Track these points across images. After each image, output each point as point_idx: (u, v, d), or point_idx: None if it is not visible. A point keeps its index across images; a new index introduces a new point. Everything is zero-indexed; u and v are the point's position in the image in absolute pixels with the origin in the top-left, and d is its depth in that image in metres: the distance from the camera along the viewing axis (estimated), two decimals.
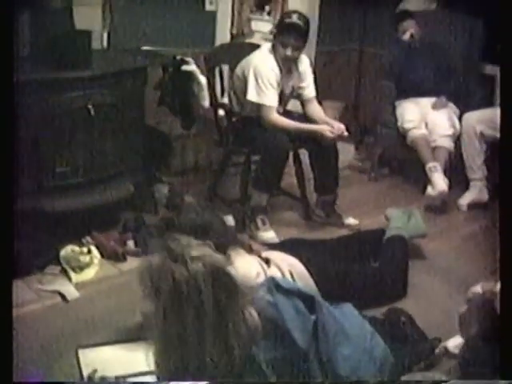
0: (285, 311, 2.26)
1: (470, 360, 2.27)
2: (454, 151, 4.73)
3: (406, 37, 5.08)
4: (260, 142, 3.97)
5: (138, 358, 2.48)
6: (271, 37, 4.21)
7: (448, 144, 4.71)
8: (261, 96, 4.00)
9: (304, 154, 4.29)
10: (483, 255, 3.79)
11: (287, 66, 4.10)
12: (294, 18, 3.96)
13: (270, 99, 4.01)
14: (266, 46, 4.11)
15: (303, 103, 4.30)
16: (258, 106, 4.02)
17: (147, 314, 2.20)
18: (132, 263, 3.52)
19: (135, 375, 2.58)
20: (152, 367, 2.23)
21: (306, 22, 4.00)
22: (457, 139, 4.74)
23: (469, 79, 5.13)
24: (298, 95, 4.28)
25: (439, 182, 4.50)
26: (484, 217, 4.45)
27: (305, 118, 4.23)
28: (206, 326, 2.05)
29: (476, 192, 4.62)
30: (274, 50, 4.04)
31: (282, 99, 4.17)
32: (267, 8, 6.16)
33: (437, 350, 2.68)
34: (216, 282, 2.07)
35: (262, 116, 4.02)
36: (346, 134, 4.04)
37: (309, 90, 4.27)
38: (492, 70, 5.08)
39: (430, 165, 4.58)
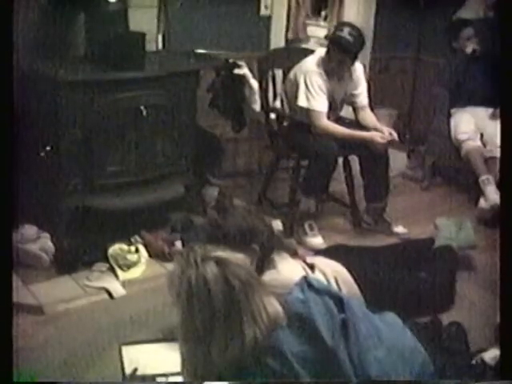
0: (313, 308, 2.29)
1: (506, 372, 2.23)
2: None
3: (464, 46, 5.00)
4: (308, 147, 3.98)
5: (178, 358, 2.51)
6: (326, 42, 4.20)
7: None
8: (310, 101, 4.00)
9: (354, 161, 4.26)
10: None
11: (339, 74, 4.09)
12: (345, 33, 3.91)
13: (320, 105, 4.01)
14: (319, 52, 4.10)
15: (355, 110, 4.28)
16: (308, 112, 4.02)
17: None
18: None
19: (176, 374, 2.59)
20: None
21: (357, 35, 3.94)
22: None
23: None
24: (350, 102, 4.26)
25: (492, 195, 4.42)
26: None
27: (357, 124, 4.21)
28: (218, 323, 2.13)
29: None
30: (325, 57, 4.04)
31: (334, 105, 4.16)
32: (323, 13, 6.17)
33: (473, 361, 2.65)
34: (231, 278, 2.14)
35: (311, 121, 4.02)
36: (396, 139, 4.04)
37: (362, 97, 4.24)
38: None
39: (483, 177, 4.50)
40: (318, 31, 5.84)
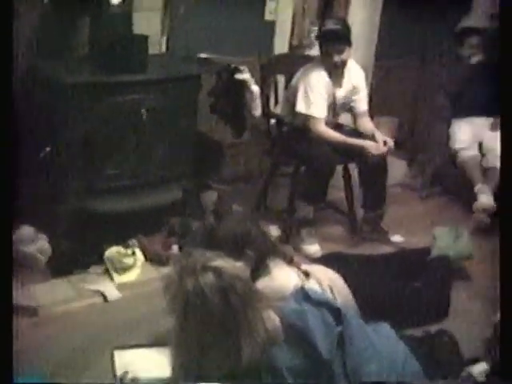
0: (311, 320, 2.29)
1: None
2: None
3: (469, 54, 5.00)
4: (306, 153, 3.99)
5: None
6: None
7: None
8: (309, 107, 4.01)
9: (354, 169, 4.27)
10: None
11: (338, 77, 4.09)
12: (330, 24, 4.04)
13: (319, 110, 4.02)
14: (319, 57, 4.11)
15: (355, 116, 4.29)
16: (307, 117, 4.02)
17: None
18: None
19: (166, 379, 2.59)
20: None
21: (344, 24, 4.08)
22: None
23: None
24: (350, 107, 4.26)
25: (485, 201, 4.44)
26: None
27: (356, 132, 4.21)
28: (213, 336, 2.13)
29: None
30: (324, 61, 4.04)
31: (334, 110, 4.17)
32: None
33: (462, 374, 2.65)
34: (229, 290, 2.13)
35: (310, 127, 4.03)
36: (392, 149, 4.06)
37: (361, 103, 4.25)
38: None
39: (478, 186, 4.54)
40: None
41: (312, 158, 3.95)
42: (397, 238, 4.19)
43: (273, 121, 4.33)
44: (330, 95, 4.08)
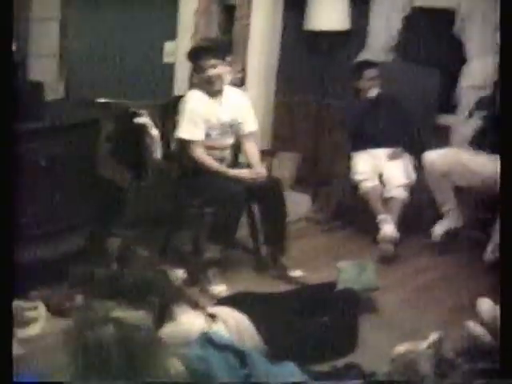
0: (215, 365, 2.30)
1: None
2: (409, 201, 4.76)
3: (367, 87, 5.12)
4: (214, 193, 3.98)
5: None
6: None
7: (402, 194, 4.73)
8: (183, 131, 4.06)
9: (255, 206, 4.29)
10: (434, 307, 3.86)
11: (217, 94, 4.15)
12: (201, 43, 4.24)
13: (194, 134, 4.06)
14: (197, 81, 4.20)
15: (241, 139, 4.31)
16: (184, 143, 4.07)
17: None
18: None
19: None
20: None
21: (214, 42, 4.32)
22: (411, 190, 4.79)
23: (424, 129, 5.17)
24: (236, 130, 4.28)
25: (388, 232, 4.54)
26: (435, 268, 4.48)
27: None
28: None
29: (453, 219, 4.62)
30: (200, 82, 4.12)
31: (221, 129, 4.19)
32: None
33: None
34: (129, 341, 2.11)
35: (187, 152, 4.06)
36: (263, 177, 4.09)
37: (246, 125, 4.27)
38: (447, 120, 5.17)
39: (380, 217, 4.62)
40: None
41: (221, 198, 3.93)
42: (297, 273, 4.15)
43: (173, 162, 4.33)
44: (209, 116, 4.10)
